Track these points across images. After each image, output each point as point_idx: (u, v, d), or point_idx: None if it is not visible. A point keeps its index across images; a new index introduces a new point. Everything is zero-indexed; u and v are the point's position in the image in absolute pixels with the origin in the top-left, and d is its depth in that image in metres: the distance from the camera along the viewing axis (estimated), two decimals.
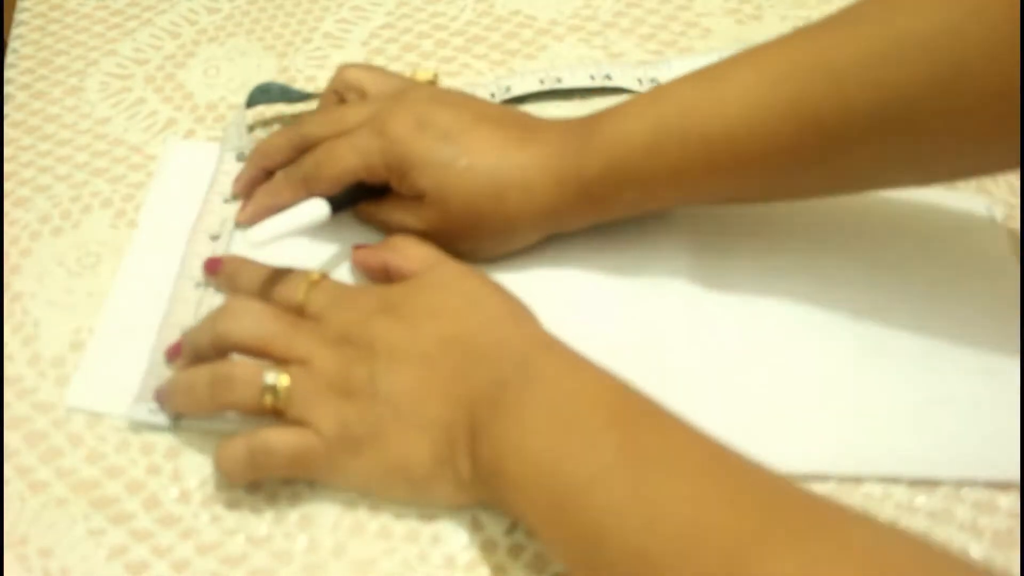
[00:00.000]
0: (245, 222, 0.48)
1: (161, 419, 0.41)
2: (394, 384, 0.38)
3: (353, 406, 0.38)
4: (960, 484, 0.39)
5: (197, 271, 0.46)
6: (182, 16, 0.60)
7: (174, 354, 0.43)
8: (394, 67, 0.56)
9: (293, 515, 0.39)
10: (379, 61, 0.56)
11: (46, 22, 0.59)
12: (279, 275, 0.44)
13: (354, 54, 0.57)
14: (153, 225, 0.48)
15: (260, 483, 0.40)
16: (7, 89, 0.55)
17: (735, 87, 0.41)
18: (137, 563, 0.38)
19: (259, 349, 0.40)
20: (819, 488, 0.40)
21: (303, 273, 0.43)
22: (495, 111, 0.47)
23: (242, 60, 0.57)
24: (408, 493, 0.39)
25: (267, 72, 0.56)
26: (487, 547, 0.38)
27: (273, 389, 0.38)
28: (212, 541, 0.39)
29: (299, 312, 0.42)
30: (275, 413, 0.39)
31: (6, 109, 0.54)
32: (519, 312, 0.41)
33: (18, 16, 0.59)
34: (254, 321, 0.40)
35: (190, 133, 0.53)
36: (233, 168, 0.50)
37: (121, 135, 0.53)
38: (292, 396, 0.38)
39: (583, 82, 0.54)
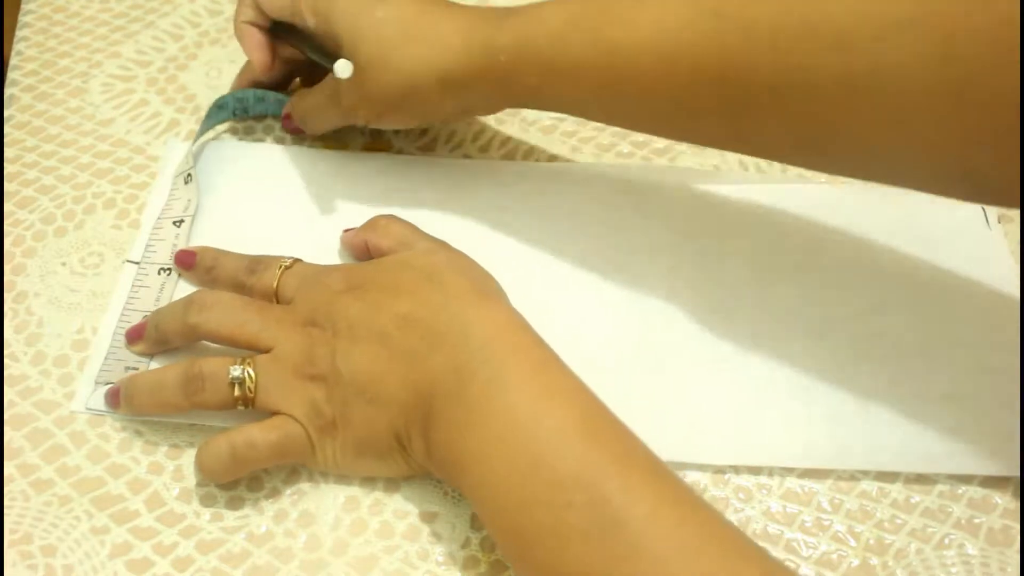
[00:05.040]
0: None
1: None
2: (353, 363, 0.38)
3: (319, 388, 0.39)
4: (957, 481, 0.40)
5: (161, 257, 0.47)
6: (184, 18, 0.60)
7: (135, 336, 0.43)
8: None
9: (294, 513, 0.40)
10: None
11: (50, 24, 0.59)
12: (255, 263, 0.44)
13: None
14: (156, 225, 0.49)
15: (261, 481, 0.40)
16: (11, 91, 0.55)
17: (652, 11, 0.40)
18: (139, 561, 0.38)
19: (229, 338, 0.41)
20: (818, 486, 0.40)
21: (276, 259, 0.44)
22: None
23: (244, 61, 0.57)
24: (377, 468, 0.40)
25: None
26: (487, 545, 0.39)
27: (241, 381, 0.39)
28: (213, 539, 0.39)
29: (273, 297, 0.43)
30: (247, 404, 0.39)
31: (10, 111, 0.54)
32: (484, 290, 0.40)
33: (22, 19, 0.60)
34: (224, 311, 0.41)
35: (192, 135, 0.53)
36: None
37: (124, 136, 0.53)
38: (260, 385, 0.39)
39: None
